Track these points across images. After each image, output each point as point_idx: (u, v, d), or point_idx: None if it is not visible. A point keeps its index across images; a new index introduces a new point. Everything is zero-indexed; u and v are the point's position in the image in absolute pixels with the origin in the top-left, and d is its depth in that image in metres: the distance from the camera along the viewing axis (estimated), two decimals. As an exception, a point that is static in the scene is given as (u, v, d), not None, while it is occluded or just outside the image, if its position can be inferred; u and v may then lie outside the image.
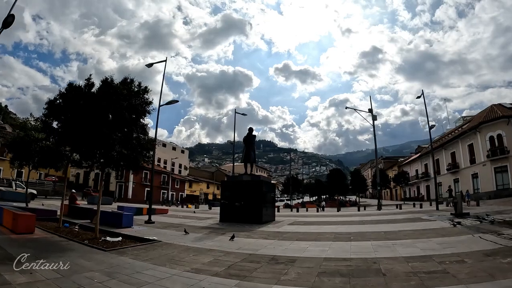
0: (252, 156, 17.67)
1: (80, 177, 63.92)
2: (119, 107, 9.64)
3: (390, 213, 22.34)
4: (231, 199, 16.50)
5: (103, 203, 31.96)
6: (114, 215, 13.69)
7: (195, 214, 24.63)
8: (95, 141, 9.44)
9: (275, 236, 11.30)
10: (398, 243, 8.99)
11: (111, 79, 10.35)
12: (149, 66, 18.73)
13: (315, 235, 11.49)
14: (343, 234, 11.57)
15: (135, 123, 10.24)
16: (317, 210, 30.32)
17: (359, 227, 13.69)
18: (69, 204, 17.96)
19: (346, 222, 16.48)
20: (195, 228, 13.62)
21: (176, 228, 13.38)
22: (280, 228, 14.05)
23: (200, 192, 74.80)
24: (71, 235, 10.83)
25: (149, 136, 11.57)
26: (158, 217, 19.29)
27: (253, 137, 18.23)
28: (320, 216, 21.97)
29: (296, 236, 11.13)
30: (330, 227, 14.04)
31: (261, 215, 15.61)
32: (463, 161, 43.25)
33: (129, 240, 10.20)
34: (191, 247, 8.83)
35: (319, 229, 13.36)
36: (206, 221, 17.23)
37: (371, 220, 16.70)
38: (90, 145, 9.65)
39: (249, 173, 17.66)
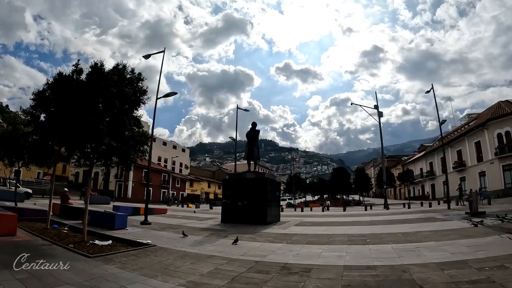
0: (256, 152, 16.55)
1: (79, 177, 63.09)
2: (108, 94, 8.56)
3: (400, 213, 21.28)
4: (233, 199, 15.41)
5: (100, 202, 31.18)
6: (106, 216, 12.62)
7: (195, 214, 23.52)
8: (80, 132, 8.38)
9: (283, 239, 10.21)
10: (421, 246, 8.02)
11: (101, 64, 9.29)
12: (146, 58, 17.65)
13: (326, 237, 10.41)
14: (356, 236, 10.52)
15: (126, 113, 9.16)
16: (322, 209, 29.18)
17: (372, 228, 12.64)
18: (61, 204, 16.93)
19: (356, 222, 15.40)
20: (195, 230, 12.52)
21: (174, 230, 12.29)
22: (286, 229, 12.96)
23: (201, 191, 73.83)
24: (57, 238, 9.80)
25: (144, 129, 10.46)
26: (156, 217, 18.23)
27: (257, 133, 17.13)
28: (326, 216, 20.87)
29: (306, 239, 10.04)
30: (341, 228, 12.97)
31: (266, 215, 14.52)
32: (470, 159, 42.26)
33: (120, 243, 9.14)
34: (189, 253, 7.73)
35: (329, 231, 12.27)
36: (206, 222, 16.15)
37: (383, 220, 15.65)
38: (75, 137, 8.60)
39: (252, 170, 16.58)
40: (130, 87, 9.67)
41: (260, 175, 16.20)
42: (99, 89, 8.72)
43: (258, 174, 16.42)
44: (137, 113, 10.01)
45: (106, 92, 8.61)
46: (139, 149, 9.80)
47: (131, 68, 9.91)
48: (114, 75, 9.18)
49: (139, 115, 10.08)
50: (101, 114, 8.51)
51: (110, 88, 8.70)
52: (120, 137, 8.97)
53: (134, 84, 9.84)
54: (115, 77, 9.15)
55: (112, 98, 8.63)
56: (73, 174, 64.76)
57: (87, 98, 8.71)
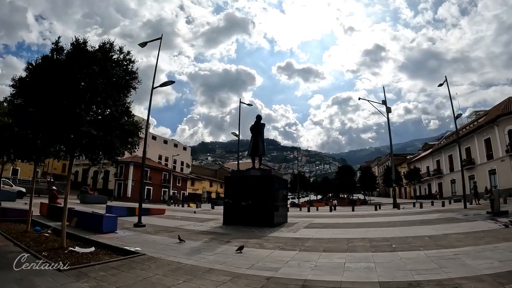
0: (261, 147, 15.06)
1: (78, 175, 61.76)
2: (89, 73, 7.17)
3: (414, 213, 19.84)
4: (236, 198, 13.97)
5: (96, 202, 29.75)
6: (93, 218, 11.21)
7: (195, 214, 22.00)
8: (55, 118, 6.99)
9: (295, 245, 8.79)
10: (459, 252, 6.80)
11: (84, 41, 7.91)
12: (142, 46, 16.24)
13: (344, 242, 9.01)
14: (378, 240, 9.15)
15: (111, 96, 7.76)
16: (330, 209, 27.77)
17: (393, 231, 11.26)
18: (48, 204, 15.58)
19: (371, 223, 13.97)
20: (194, 234, 11.08)
21: (170, 233, 10.86)
22: (297, 232, 11.53)
23: (203, 190, 72.51)
24: (34, 243, 8.49)
25: (135, 118, 9.04)
26: (153, 218, 16.83)
27: (262, 126, 15.64)
28: (336, 217, 19.37)
29: (322, 245, 8.62)
30: (358, 231, 11.54)
31: (273, 216, 13.08)
32: (479, 156, 40.91)
33: (104, 251, 7.76)
34: (183, 265, 6.29)
35: (345, 234, 10.83)
36: (207, 224, 14.72)
37: (401, 221, 14.24)
38: (49, 125, 7.21)
39: (257, 167, 15.14)
40: (118, 68, 8.31)
41: (266, 172, 14.71)
42: (79, 68, 7.35)
43: (263, 171, 14.96)
44: (126, 100, 8.66)
45: (86, 70, 7.23)
46: (129, 140, 8.39)
47: (119, 47, 8.52)
48: (98, 52, 7.81)
49: (129, 102, 8.72)
50: (79, 96, 7.11)
51: (91, 66, 7.32)
52: (104, 125, 7.58)
53: (122, 66, 8.48)
54: (99, 54, 7.78)
55: (94, 77, 7.24)
56: (72, 173, 63.51)
57: (65, 79, 7.34)
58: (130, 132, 8.28)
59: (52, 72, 7.56)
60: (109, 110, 8.10)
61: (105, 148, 7.47)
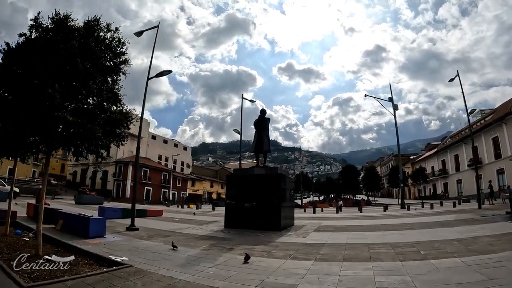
0: (266, 143, 13.78)
1: (77, 176, 60.69)
2: (67, 50, 6.01)
3: (427, 214, 18.64)
4: (239, 199, 12.75)
5: (92, 202, 28.54)
6: (80, 220, 10.01)
7: (195, 216, 20.66)
8: (26, 102, 5.83)
9: (308, 252, 7.59)
10: (500, 258, 5.90)
11: (65, 16, 6.74)
12: (138, 35, 15.04)
13: (363, 249, 7.83)
14: (402, 246, 7.98)
15: (94, 78, 6.58)
16: (336, 210, 26.57)
17: (413, 234, 10.11)
18: (35, 204, 14.41)
19: (386, 226, 12.73)
20: (192, 239, 9.84)
21: (165, 238, 9.64)
22: (307, 237, 10.31)
23: (204, 191, 71.30)
24: (8, 249, 7.33)
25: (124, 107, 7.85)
26: (148, 221, 15.67)
27: (267, 121, 14.36)
28: (345, 219, 18.10)
29: (340, 253, 7.42)
30: (374, 235, 10.34)
31: (280, 219, 11.84)
32: (487, 156, 39.72)
33: (85, 260, 6.59)
34: (177, 281, 5.05)
35: (362, 238, 9.62)
36: (207, 227, 13.50)
37: (417, 223, 13.01)
38: (20, 111, 6.04)
39: (261, 165, 13.92)
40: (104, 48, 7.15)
41: (271, 171, 13.43)
42: (56, 44, 6.19)
43: (269, 169, 13.67)
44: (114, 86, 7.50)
45: (64, 46, 6.07)
46: (116, 132, 7.21)
47: (106, 24, 7.35)
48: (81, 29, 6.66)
49: (117, 88, 7.55)
50: (53, 75, 5.94)
51: (70, 41, 6.16)
52: (84, 111, 6.41)
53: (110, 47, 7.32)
54: (82, 30, 6.62)
55: (73, 54, 6.07)
56: (71, 173, 62.42)
57: (40, 58, 6.19)
58: (117, 122, 7.09)
59: (28, 51, 6.43)
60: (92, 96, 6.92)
61: (85, 138, 6.26)
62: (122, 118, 7.20)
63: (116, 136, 7.19)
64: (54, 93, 5.64)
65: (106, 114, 6.98)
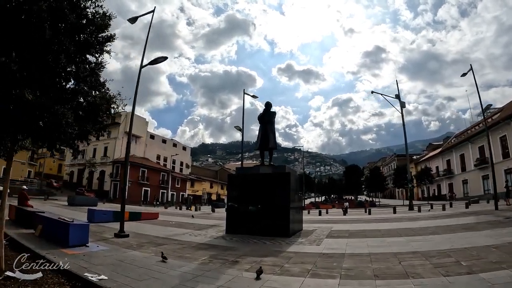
0: (272, 139, 12.37)
1: (74, 176, 59.27)
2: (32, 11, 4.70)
3: (442, 216, 17.21)
4: (242, 201, 11.38)
5: (86, 204, 27.11)
6: (60, 226, 8.64)
7: (193, 219, 19.18)
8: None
9: (329, 267, 6.25)
10: None
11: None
12: (132, 22, 13.70)
13: (393, 260, 6.52)
14: (435, 255, 6.70)
15: (66, 51, 5.26)
16: (344, 212, 25.26)
17: (440, 240, 8.84)
18: (17, 206, 13.06)
19: (404, 230, 11.34)
20: (188, 248, 8.46)
21: (157, 248, 8.26)
22: (321, 245, 8.92)
23: (203, 191, 69.86)
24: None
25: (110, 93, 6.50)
26: (142, 225, 14.31)
27: (272, 115, 12.96)
28: (356, 222, 16.69)
29: (367, 266, 6.10)
30: (397, 241, 8.97)
31: (288, 224, 10.47)
32: (494, 155, 38.30)
33: (55, 278, 5.32)
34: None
35: (384, 246, 8.26)
36: (206, 233, 12.13)
37: (438, 227, 11.74)
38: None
39: (267, 163, 12.57)
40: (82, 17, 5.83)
41: (279, 169, 11.93)
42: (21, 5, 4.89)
43: (276, 167, 12.21)
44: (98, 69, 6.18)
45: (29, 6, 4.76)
46: (95, 119, 5.88)
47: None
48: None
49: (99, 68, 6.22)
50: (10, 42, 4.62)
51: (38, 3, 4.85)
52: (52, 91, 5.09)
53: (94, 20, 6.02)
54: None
55: (39, 18, 4.76)
56: (68, 173, 61.02)
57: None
58: (96, 107, 5.75)
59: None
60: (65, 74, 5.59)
61: (51, 124, 4.92)
62: (102, 102, 5.86)
63: (95, 124, 5.85)
64: (11, 65, 4.31)
65: (81, 96, 5.64)
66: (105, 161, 54.03)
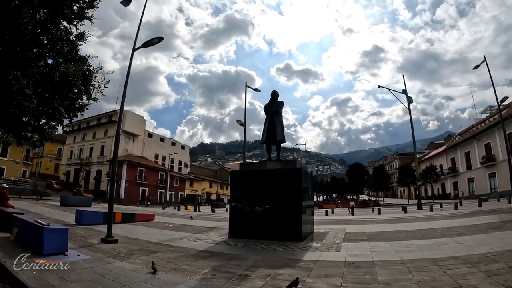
0: (280, 131, 10.96)
1: (70, 176, 57.95)
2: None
3: (459, 215, 16.02)
4: (247, 201, 10.08)
5: (78, 204, 25.71)
6: (35, 230, 7.33)
7: (192, 221, 17.66)
8: None
9: (362, 280, 4.94)
10: None
11: None
12: (126, 5, 12.36)
13: (434, 269, 5.31)
14: (480, 261, 5.57)
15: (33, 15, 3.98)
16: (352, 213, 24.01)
17: (474, 242, 7.62)
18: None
19: (428, 232, 10.03)
20: (186, 257, 7.13)
21: (148, 257, 6.92)
22: (341, 251, 7.59)
23: (202, 191, 68.53)
24: None
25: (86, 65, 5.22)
26: (135, 227, 12.98)
27: (280, 104, 11.53)
28: (368, 223, 15.28)
29: (409, 279, 4.82)
30: (425, 245, 7.63)
31: (301, 226, 9.14)
32: (502, 153, 37.39)
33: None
34: None
35: (415, 251, 6.98)
36: (207, 236, 10.78)
37: (463, 227, 10.47)
38: None
39: (274, 158, 11.24)
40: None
41: (289, 165, 10.61)
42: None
43: (285, 163, 10.91)
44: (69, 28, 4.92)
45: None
46: (64, 94, 4.59)
47: None
48: None
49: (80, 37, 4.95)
50: None
51: None
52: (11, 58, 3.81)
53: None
54: None
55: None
56: (64, 173, 59.64)
57: None
58: (67, 79, 4.47)
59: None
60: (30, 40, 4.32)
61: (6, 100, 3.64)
62: (75, 75, 4.57)
63: (64, 100, 4.57)
64: None
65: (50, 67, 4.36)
66: (102, 160, 52.66)
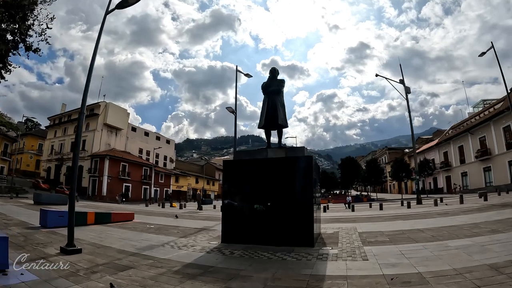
0: (282, 114, 9.09)
1: (51, 172, 54.97)
2: None
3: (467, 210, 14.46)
4: (244, 198, 8.32)
5: (54, 202, 23.45)
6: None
7: (177, 220, 15.45)
8: None
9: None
10: None
11: None
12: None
13: (501, 277, 3.79)
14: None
15: None
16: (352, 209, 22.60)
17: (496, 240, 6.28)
18: None
19: (452, 229, 8.47)
20: (166, 276, 5.24)
21: (117, 275, 5.05)
22: (369, 259, 5.84)
23: (188, 187, 66.41)
24: None
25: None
26: (110, 230, 10.98)
27: (281, 83, 9.69)
28: (377, 220, 13.59)
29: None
30: (464, 245, 6.03)
31: (312, 228, 7.42)
32: (497, 146, 36.88)
33: None
34: None
35: (459, 255, 5.35)
36: (195, 241, 8.80)
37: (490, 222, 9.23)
38: None
39: (276, 146, 9.39)
40: None
41: (295, 152, 8.48)
42: None
43: (290, 150, 8.88)
44: None
45: None
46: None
47: None
48: None
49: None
50: None
51: None
52: None
53: None
54: None
55: None
56: (45, 169, 56.65)
57: None
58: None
59: None
60: None
61: None
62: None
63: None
64: None
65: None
66: (83, 155, 49.90)
